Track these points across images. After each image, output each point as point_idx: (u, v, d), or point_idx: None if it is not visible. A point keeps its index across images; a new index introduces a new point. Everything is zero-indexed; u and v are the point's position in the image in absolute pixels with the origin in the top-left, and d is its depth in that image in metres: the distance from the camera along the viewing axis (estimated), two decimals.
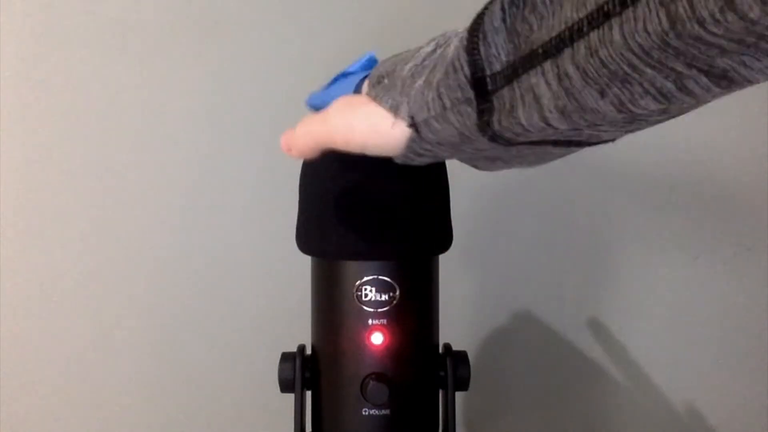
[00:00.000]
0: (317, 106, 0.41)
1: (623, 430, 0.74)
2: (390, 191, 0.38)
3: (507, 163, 0.32)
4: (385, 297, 0.38)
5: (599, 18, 0.21)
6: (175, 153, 0.68)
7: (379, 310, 0.38)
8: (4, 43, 0.65)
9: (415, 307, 0.40)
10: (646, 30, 0.19)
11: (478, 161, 0.33)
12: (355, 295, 0.39)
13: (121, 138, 0.67)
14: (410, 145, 0.30)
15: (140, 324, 0.69)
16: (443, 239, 0.41)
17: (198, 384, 0.70)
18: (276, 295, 0.69)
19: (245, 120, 0.68)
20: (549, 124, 0.25)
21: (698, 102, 0.23)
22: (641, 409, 0.73)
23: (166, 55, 0.67)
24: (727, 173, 0.71)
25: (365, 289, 0.38)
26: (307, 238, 0.40)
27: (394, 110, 0.30)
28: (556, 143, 0.28)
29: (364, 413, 0.39)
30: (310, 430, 0.42)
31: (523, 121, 0.25)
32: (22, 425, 0.69)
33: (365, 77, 0.35)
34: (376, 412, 0.38)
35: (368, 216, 0.38)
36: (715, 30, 0.18)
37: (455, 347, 0.43)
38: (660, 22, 0.19)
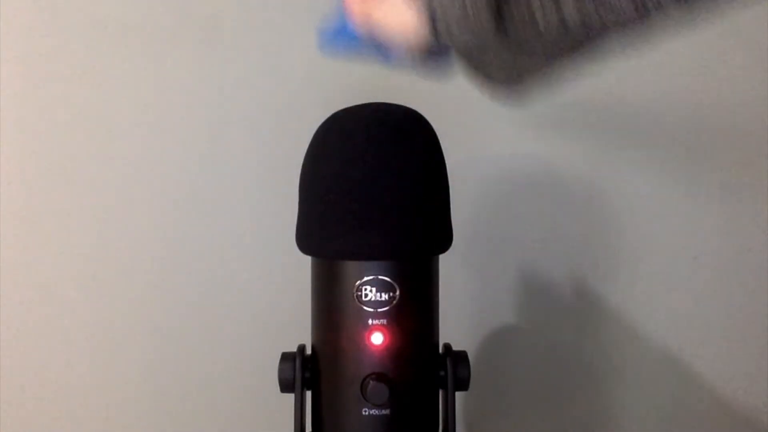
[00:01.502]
0: (336, 34, 0.42)
1: (623, 430, 0.74)
2: (390, 191, 0.38)
3: (517, 63, 0.33)
4: (385, 297, 0.38)
5: None
6: (175, 153, 0.68)
7: (379, 310, 0.38)
8: (4, 43, 0.65)
9: (415, 307, 0.40)
10: None
11: (488, 67, 0.34)
12: (355, 295, 0.39)
13: (121, 138, 0.67)
14: (427, 42, 0.32)
15: (140, 324, 0.69)
16: (443, 239, 0.41)
17: (198, 384, 0.70)
18: (276, 295, 0.69)
19: (245, 120, 0.68)
20: (561, 12, 0.26)
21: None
22: (641, 409, 0.73)
23: (167, 55, 0.67)
24: (727, 173, 0.71)
25: (365, 289, 0.38)
26: (307, 238, 0.40)
27: (419, 7, 0.31)
28: (570, 41, 0.29)
29: (364, 413, 0.39)
30: (310, 430, 0.42)
31: (537, 12, 0.27)
32: (22, 425, 0.69)
33: None
34: (376, 412, 0.39)
35: (368, 216, 0.38)
36: None
37: (455, 347, 0.43)
38: None
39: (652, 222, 0.72)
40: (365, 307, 0.38)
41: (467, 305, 0.72)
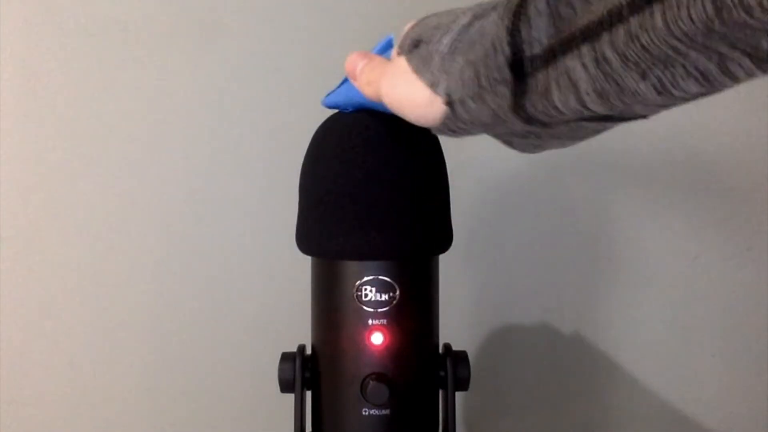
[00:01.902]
0: (337, 104, 0.41)
1: (623, 430, 0.74)
2: (390, 191, 0.38)
3: (540, 140, 0.32)
4: (385, 297, 0.38)
5: (640, 3, 0.21)
6: (175, 153, 0.68)
7: (379, 310, 0.38)
8: (4, 43, 0.65)
9: (415, 307, 0.40)
10: (690, 17, 0.19)
11: (511, 138, 0.33)
12: (355, 295, 0.39)
13: (121, 139, 0.67)
14: (445, 122, 0.31)
15: (141, 324, 0.69)
16: (443, 239, 0.41)
17: (198, 384, 0.70)
18: (276, 295, 0.69)
19: (246, 120, 0.68)
20: (585, 107, 0.25)
21: (737, 83, 0.23)
22: (641, 409, 0.74)
23: (167, 55, 0.67)
24: (727, 173, 0.71)
25: (365, 289, 0.38)
26: (307, 238, 0.40)
27: (433, 86, 0.30)
28: (590, 119, 0.28)
29: (364, 413, 0.39)
30: (310, 430, 0.42)
31: (558, 104, 0.25)
32: (22, 425, 0.69)
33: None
34: (376, 412, 0.39)
35: (368, 216, 0.38)
36: (761, 17, 0.18)
37: (455, 347, 0.43)
38: (705, 9, 0.19)
39: (652, 222, 0.72)
40: (365, 307, 0.38)
41: (467, 305, 0.72)
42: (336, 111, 0.42)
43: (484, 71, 0.27)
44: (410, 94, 0.31)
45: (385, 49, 0.38)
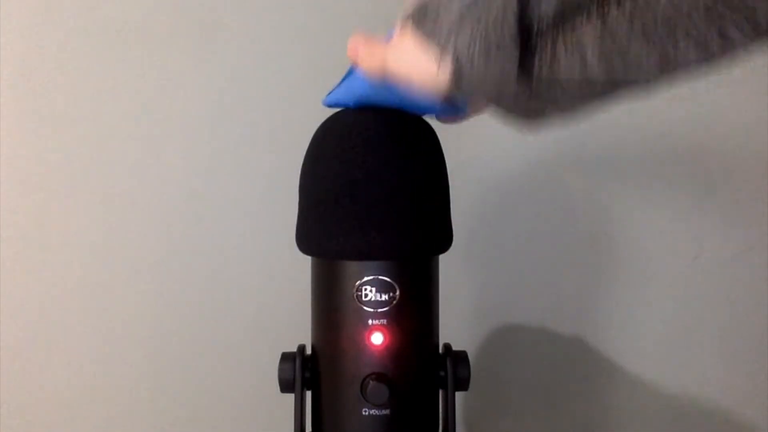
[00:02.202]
0: (338, 101, 0.41)
1: (623, 430, 0.74)
2: (390, 191, 0.38)
3: (542, 110, 0.32)
4: (385, 297, 0.38)
5: None
6: (175, 153, 0.68)
7: (379, 310, 0.38)
8: (4, 43, 0.65)
9: (415, 307, 0.40)
10: None
11: (513, 113, 0.33)
12: (355, 295, 0.39)
13: (121, 139, 0.67)
14: (452, 87, 0.31)
15: (141, 324, 0.69)
16: (443, 239, 0.41)
17: (198, 384, 0.70)
18: (276, 295, 0.69)
19: (246, 121, 0.68)
20: (588, 71, 0.26)
21: (734, 53, 0.24)
22: (641, 409, 0.74)
23: (167, 55, 0.67)
24: (727, 173, 0.71)
25: (365, 289, 0.38)
26: (307, 238, 0.40)
27: (441, 52, 0.30)
28: (593, 89, 0.28)
29: (364, 413, 0.39)
30: (310, 430, 0.42)
31: (564, 68, 0.26)
32: (22, 426, 0.69)
33: None
34: (376, 412, 0.39)
35: (368, 216, 0.38)
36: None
37: (455, 347, 0.43)
38: None
39: (653, 222, 0.72)
40: (365, 307, 0.38)
41: (467, 305, 0.72)
42: (336, 111, 0.42)
43: (494, 35, 0.27)
44: (418, 61, 0.31)
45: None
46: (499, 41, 0.27)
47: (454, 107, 0.39)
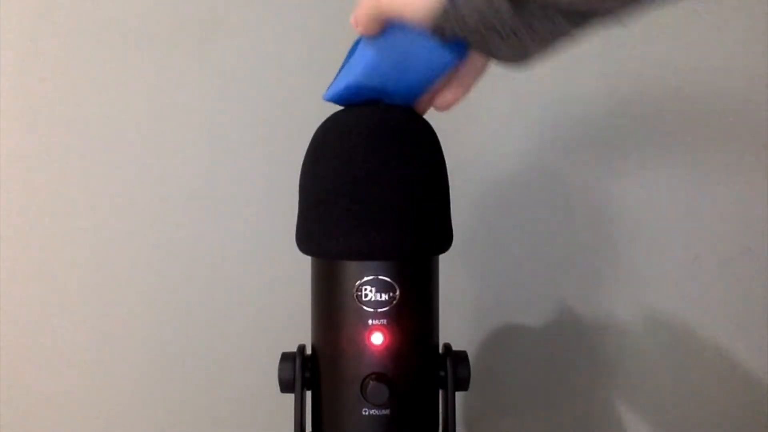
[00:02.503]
0: (337, 93, 0.41)
1: (622, 430, 0.74)
2: (390, 191, 0.38)
3: (522, 43, 0.33)
4: (385, 297, 0.38)
5: None
6: (175, 153, 0.68)
7: (379, 310, 0.38)
8: (4, 43, 0.65)
9: (415, 307, 0.40)
10: None
11: (498, 44, 0.33)
12: (355, 295, 0.39)
13: (121, 139, 0.67)
14: (441, 15, 0.32)
15: (141, 324, 0.69)
16: (443, 239, 0.41)
17: (198, 384, 0.70)
18: (276, 295, 0.69)
19: (246, 120, 0.68)
20: None
21: None
22: (641, 409, 0.73)
23: (167, 55, 0.67)
24: (727, 173, 0.71)
25: (365, 289, 0.38)
26: (307, 238, 0.40)
27: None
28: (567, 12, 0.30)
29: (364, 413, 0.39)
30: (310, 430, 0.42)
31: None
32: (22, 426, 0.69)
33: None
34: (376, 412, 0.39)
35: (368, 216, 0.38)
36: None
37: (455, 347, 0.43)
38: None
39: (652, 222, 0.72)
40: (365, 307, 0.38)
41: (467, 305, 0.72)
42: (336, 110, 0.42)
43: None
44: None
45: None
46: None
47: (449, 52, 0.38)
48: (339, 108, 0.42)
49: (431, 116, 0.43)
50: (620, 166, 0.71)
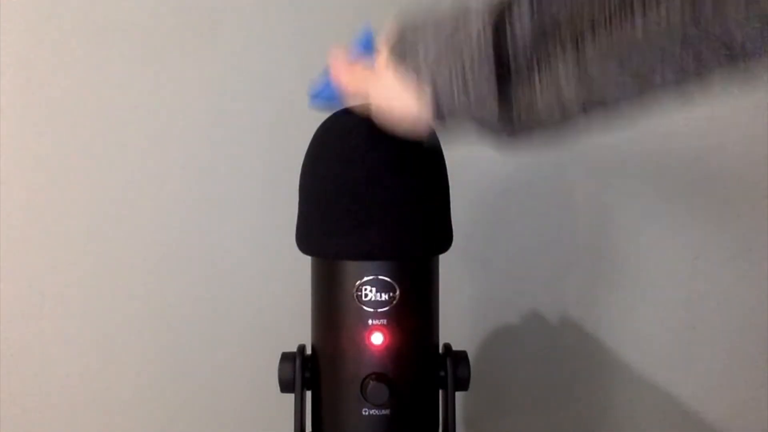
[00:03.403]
0: (323, 96, 0.41)
1: (622, 430, 0.74)
2: (390, 191, 0.38)
3: (523, 135, 0.33)
4: (385, 297, 0.38)
5: (622, 10, 0.23)
6: (175, 154, 0.68)
7: (379, 310, 0.38)
8: (4, 43, 0.65)
9: (415, 307, 0.40)
10: (668, 22, 0.22)
11: (497, 136, 0.33)
12: (355, 295, 0.39)
13: (121, 139, 0.67)
14: (434, 121, 0.32)
15: (141, 324, 0.69)
16: (443, 239, 0.41)
17: (198, 384, 0.70)
18: (276, 295, 0.69)
19: (246, 120, 0.68)
20: (563, 93, 0.26)
21: (707, 80, 0.24)
22: (641, 408, 0.74)
23: (167, 55, 0.67)
24: (727, 174, 0.71)
25: (365, 289, 0.38)
26: (308, 238, 0.40)
27: (421, 90, 0.31)
28: (570, 116, 0.29)
29: (364, 413, 0.39)
30: (310, 430, 0.42)
31: (540, 91, 0.27)
32: (22, 426, 0.69)
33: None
34: (376, 412, 0.39)
35: (368, 216, 0.38)
36: (735, 24, 0.21)
37: (455, 347, 0.43)
38: (683, 16, 0.21)
39: (653, 222, 0.72)
40: (365, 307, 0.38)
41: (467, 305, 0.72)
42: (335, 111, 0.42)
43: (471, 71, 0.28)
44: (400, 96, 0.32)
45: (363, 45, 0.38)
46: (477, 76, 0.28)
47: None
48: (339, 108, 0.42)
49: None
50: (621, 166, 0.71)
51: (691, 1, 0.21)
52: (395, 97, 0.32)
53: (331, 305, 0.40)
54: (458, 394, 0.42)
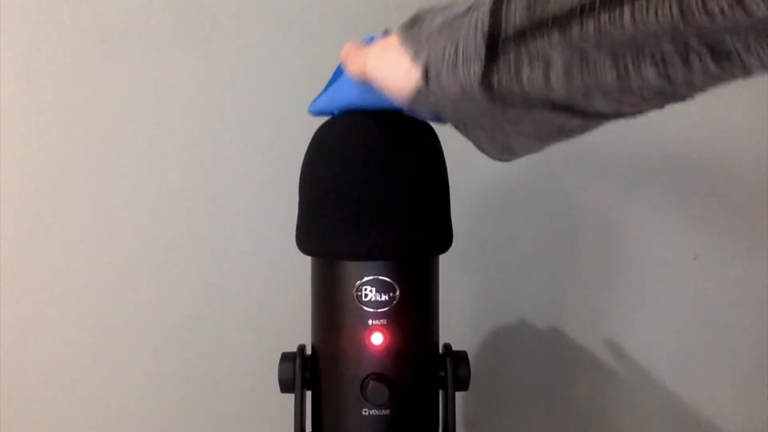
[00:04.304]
0: (322, 110, 0.42)
1: (622, 430, 0.74)
2: (390, 191, 0.38)
3: (505, 135, 0.33)
4: (385, 297, 0.38)
5: (612, 1, 0.23)
6: (175, 153, 0.68)
7: (379, 310, 0.38)
8: (4, 43, 0.65)
9: (415, 307, 0.40)
10: (656, 18, 0.22)
11: (480, 134, 0.34)
12: (355, 295, 0.39)
13: (121, 139, 0.67)
14: (417, 96, 0.32)
15: (141, 324, 0.69)
16: (443, 239, 0.41)
17: (198, 384, 0.70)
18: (276, 295, 0.69)
19: (245, 121, 0.68)
20: (549, 86, 0.26)
21: (693, 86, 0.25)
22: (640, 408, 0.74)
23: (166, 55, 0.67)
24: (727, 173, 0.71)
25: (365, 289, 0.38)
26: (307, 238, 0.40)
27: (414, 57, 0.31)
28: (553, 107, 0.29)
29: (364, 413, 0.39)
30: (310, 430, 0.42)
31: (525, 81, 0.27)
32: (22, 426, 0.69)
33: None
34: (376, 412, 0.39)
35: (368, 216, 0.38)
36: (722, 23, 0.20)
37: (455, 347, 0.43)
38: (671, 12, 0.21)
39: (653, 222, 0.72)
40: (365, 307, 0.38)
41: (467, 305, 0.72)
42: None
43: (463, 47, 0.28)
44: (391, 63, 0.32)
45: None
46: (465, 54, 0.28)
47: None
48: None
49: None
50: (621, 166, 0.71)
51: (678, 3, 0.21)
52: (389, 66, 0.33)
53: (331, 305, 0.40)
54: (458, 394, 0.42)
